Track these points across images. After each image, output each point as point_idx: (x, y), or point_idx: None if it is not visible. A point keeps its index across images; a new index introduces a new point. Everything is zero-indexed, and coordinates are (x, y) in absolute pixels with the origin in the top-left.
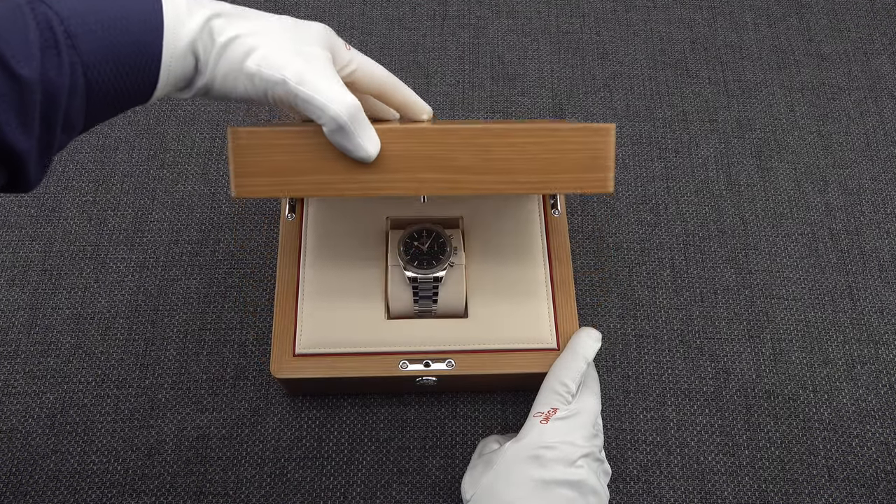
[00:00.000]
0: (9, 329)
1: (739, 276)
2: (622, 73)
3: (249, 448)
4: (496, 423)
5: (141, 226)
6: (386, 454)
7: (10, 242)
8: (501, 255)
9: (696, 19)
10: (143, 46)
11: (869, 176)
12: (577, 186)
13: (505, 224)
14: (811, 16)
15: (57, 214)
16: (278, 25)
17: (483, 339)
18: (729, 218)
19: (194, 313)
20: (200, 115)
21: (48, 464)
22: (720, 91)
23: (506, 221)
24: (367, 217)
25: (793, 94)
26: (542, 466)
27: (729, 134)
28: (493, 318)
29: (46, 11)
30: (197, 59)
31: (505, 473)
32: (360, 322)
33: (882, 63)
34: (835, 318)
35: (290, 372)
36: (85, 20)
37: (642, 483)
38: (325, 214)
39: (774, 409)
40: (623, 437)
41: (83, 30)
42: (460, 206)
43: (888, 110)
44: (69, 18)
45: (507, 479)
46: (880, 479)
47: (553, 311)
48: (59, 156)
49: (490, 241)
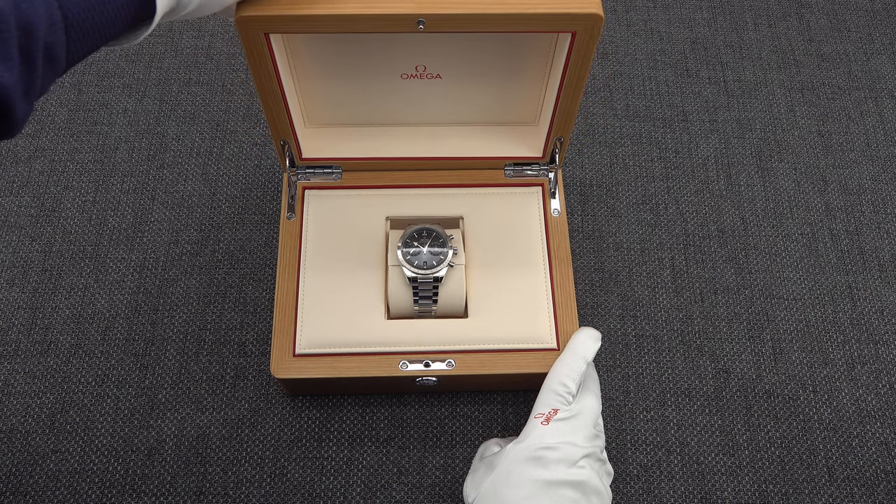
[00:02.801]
0: (9, 329)
1: (739, 276)
2: (622, 73)
3: (249, 448)
4: (496, 423)
5: (141, 226)
6: (386, 454)
7: (10, 242)
8: (501, 255)
9: (696, 19)
10: None
11: (869, 176)
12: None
13: (505, 224)
14: (811, 16)
15: (57, 214)
16: None
17: (483, 339)
18: (729, 218)
19: (194, 313)
20: (200, 115)
21: (48, 464)
22: (720, 91)
23: (506, 221)
24: (367, 217)
25: (793, 94)
26: (545, 467)
27: (729, 134)
28: (493, 318)
29: None
30: None
31: (506, 475)
32: (360, 322)
33: (882, 63)
34: (835, 318)
35: (290, 372)
36: None
37: (642, 483)
38: (325, 214)
39: (774, 409)
40: (623, 437)
41: None
42: (461, 205)
43: (888, 110)
44: None
45: (508, 481)
46: (880, 479)
47: (553, 311)
48: (59, 156)
49: (490, 241)
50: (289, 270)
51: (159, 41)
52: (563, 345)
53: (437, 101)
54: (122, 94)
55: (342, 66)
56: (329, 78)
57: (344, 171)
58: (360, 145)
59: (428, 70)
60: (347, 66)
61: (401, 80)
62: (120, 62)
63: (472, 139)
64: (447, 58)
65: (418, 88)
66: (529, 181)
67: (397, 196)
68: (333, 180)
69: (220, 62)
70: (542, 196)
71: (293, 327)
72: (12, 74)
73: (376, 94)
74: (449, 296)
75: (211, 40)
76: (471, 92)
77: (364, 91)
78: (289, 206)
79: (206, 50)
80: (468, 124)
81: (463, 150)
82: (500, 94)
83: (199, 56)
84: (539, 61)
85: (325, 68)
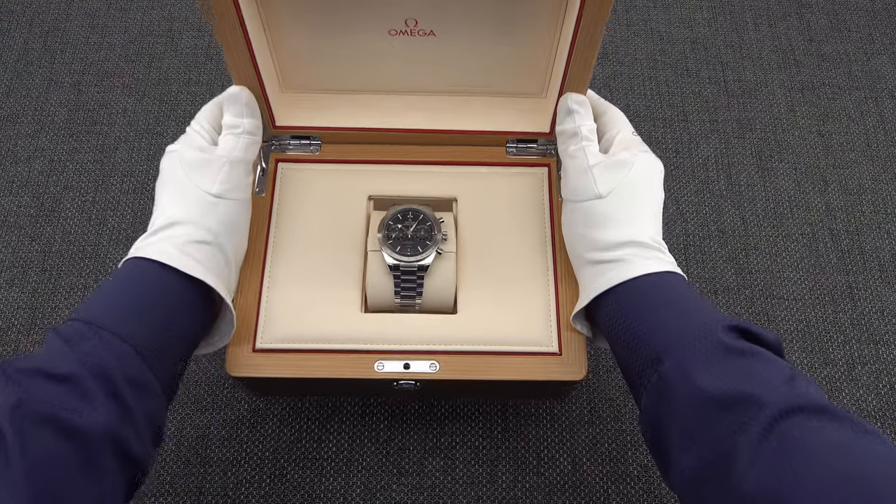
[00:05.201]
0: (9, 329)
1: (739, 276)
2: (622, 73)
3: (249, 448)
4: (497, 425)
5: (141, 226)
6: (386, 454)
7: (10, 242)
8: (499, 244)
9: (696, 19)
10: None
11: (869, 176)
12: None
13: (504, 208)
14: (811, 16)
15: (57, 214)
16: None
17: (474, 339)
18: (729, 218)
19: None
20: None
21: None
22: (720, 91)
23: (506, 205)
24: (347, 195)
25: (793, 94)
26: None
27: (729, 134)
28: (485, 316)
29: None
30: None
31: (643, 177)
32: (333, 315)
33: (882, 63)
34: (835, 318)
35: (248, 369)
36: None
37: (642, 483)
38: (300, 191)
39: None
40: (623, 437)
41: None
42: (454, 186)
43: (888, 110)
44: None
45: (648, 185)
46: None
47: (556, 310)
48: (59, 156)
49: (486, 228)
50: (254, 253)
51: (159, 41)
52: (565, 349)
53: (429, 64)
54: (122, 94)
55: (320, 18)
56: (306, 31)
57: (323, 142)
58: (341, 113)
59: (420, 25)
60: (327, 18)
61: (388, 38)
62: (120, 62)
63: (470, 111)
64: (442, 9)
65: (408, 48)
66: (534, 161)
67: (382, 173)
68: (311, 153)
69: (220, 62)
70: (548, 178)
71: (255, 318)
72: (97, 413)
73: (360, 53)
74: (436, 288)
75: (211, 40)
76: (469, 53)
77: (346, 50)
78: (258, 181)
79: (205, 50)
80: (466, 93)
81: (459, 123)
82: (503, 56)
83: (198, 56)
84: (548, 14)
85: (300, 19)
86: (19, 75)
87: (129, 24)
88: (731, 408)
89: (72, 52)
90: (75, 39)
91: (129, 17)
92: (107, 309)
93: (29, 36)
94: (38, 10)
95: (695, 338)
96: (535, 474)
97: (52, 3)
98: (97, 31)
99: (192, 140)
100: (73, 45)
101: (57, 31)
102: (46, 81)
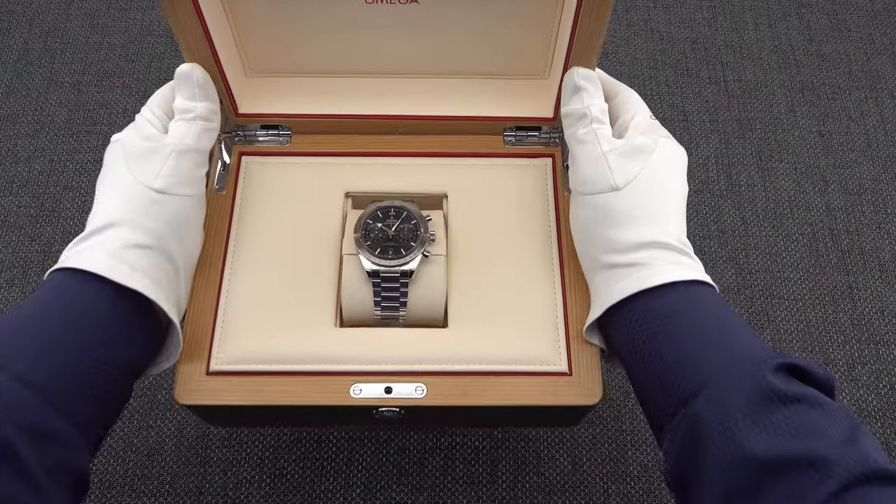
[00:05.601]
0: None
1: (739, 276)
2: (622, 73)
3: (249, 448)
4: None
5: None
6: (386, 454)
7: (10, 242)
8: (496, 246)
9: (696, 19)
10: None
11: (869, 176)
12: None
13: (502, 205)
14: (811, 16)
15: (57, 214)
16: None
17: (467, 357)
18: (729, 218)
19: None
20: None
21: None
22: (720, 91)
23: (503, 202)
24: (321, 192)
25: (793, 94)
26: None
27: (729, 134)
28: (481, 330)
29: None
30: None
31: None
32: (301, 330)
33: (882, 63)
34: (835, 318)
35: (200, 396)
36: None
37: (642, 483)
38: (265, 188)
39: None
40: (623, 437)
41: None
42: (444, 180)
43: (888, 110)
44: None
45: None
46: None
47: (564, 322)
48: (59, 156)
49: (481, 227)
50: (210, 259)
51: (159, 41)
52: (575, 367)
53: (414, 39)
54: (122, 94)
55: None
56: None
57: (293, 132)
58: (313, 99)
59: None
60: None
61: (365, 7)
62: (120, 62)
63: (462, 94)
64: None
65: (389, 19)
66: (536, 151)
67: (361, 166)
68: (280, 145)
69: None
70: (551, 170)
71: (209, 335)
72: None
73: (334, 26)
74: (422, 297)
75: None
76: (458, 24)
77: (317, 22)
78: (218, 177)
79: None
80: (455, 74)
81: (448, 108)
82: (498, 28)
83: None
84: None
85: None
86: (19, 75)
87: (129, 24)
88: (785, 473)
89: (72, 52)
90: (75, 39)
91: (129, 17)
92: (12, 341)
93: (29, 36)
94: (38, 10)
95: (739, 379)
96: (535, 474)
97: (52, 3)
98: (97, 31)
99: (139, 128)
100: (73, 45)
101: (57, 31)
102: (46, 81)
